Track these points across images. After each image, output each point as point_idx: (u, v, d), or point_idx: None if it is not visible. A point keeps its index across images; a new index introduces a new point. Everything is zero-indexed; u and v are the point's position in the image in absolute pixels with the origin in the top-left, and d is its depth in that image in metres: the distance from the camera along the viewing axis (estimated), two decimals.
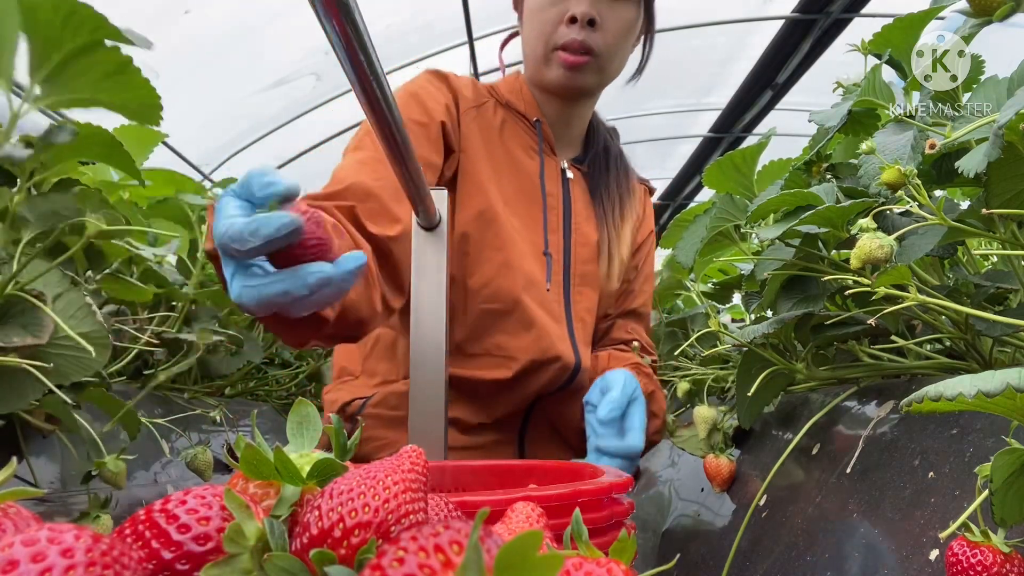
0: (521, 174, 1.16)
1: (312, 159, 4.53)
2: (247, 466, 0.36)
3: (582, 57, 1.09)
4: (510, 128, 1.18)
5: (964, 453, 0.60)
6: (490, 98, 1.19)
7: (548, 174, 1.18)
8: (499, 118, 1.18)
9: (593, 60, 1.10)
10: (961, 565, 0.44)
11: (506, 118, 1.18)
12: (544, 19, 1.09)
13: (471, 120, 1.15)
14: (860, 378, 0.88)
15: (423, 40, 3.98)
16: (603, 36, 1.09)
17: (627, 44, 1.15)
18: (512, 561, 0.23)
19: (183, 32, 3.16)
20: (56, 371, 0.69)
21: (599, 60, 1.10)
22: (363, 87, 0.61)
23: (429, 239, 0.98)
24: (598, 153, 1.26)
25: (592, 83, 1.14)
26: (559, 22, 1.08)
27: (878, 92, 0.82)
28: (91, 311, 0.71)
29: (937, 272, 0.85)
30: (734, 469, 1.05)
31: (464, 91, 1.17)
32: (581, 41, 1.07)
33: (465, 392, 1.13)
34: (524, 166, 1.17)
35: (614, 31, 1.10)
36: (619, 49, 1.13)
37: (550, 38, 1.10)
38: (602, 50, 1.09)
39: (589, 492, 0.55)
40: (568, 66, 1.09)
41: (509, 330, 1.10)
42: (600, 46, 1.09)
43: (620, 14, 1.10)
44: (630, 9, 1.11)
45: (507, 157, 1.16)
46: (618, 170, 1.27)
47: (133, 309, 1.15)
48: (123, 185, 1.37)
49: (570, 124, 1.22)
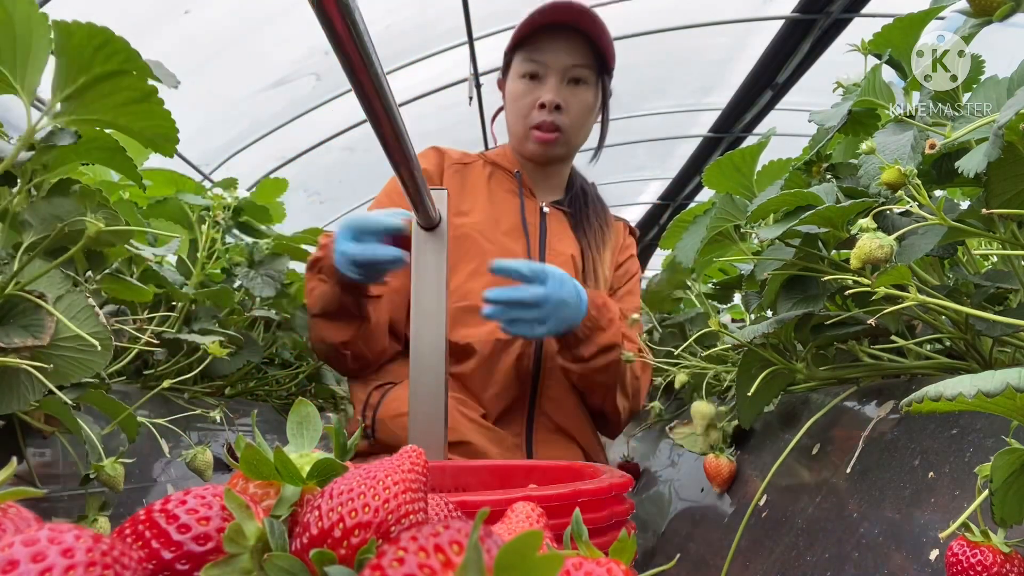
0: (503, 206, 1.40)
1: (312, 159, 4.53)
2: (247, 466, 0.36)
3: (552, 135, 1.36)
4: (496, 177, 1.44)
5: (964, 453, 0.60)
6: (478, 159, 1.45)
7: (528, 208, 1.42)
8: (487, 171, 1.44)
9: (561, 135, 1.37)
10: (961, 565, 0.44)
11: (493, 171, 1.44)
12: (521, 105, 1.38)
13: (454, 172, 1.41)
14: (860, 378, 0.88)
15: (423, 40, 3.98)
16: (568, 116, 1.37)
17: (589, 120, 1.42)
18: (512, 561, 0.23)
19: (183, 32, 3.16)
20: (56, 372, 0.69)
21: (566, 135, 1.38)
22: (363, 87, 0.61)
23: (429, 239, 0.98)
24: (576, 195, 1.49)
25: (561, 152, 1.41)
26: (532, 107, 1.36)
27: (878, 92, 0.82)
28: (93, 312, 0.71)
29: (937, 272, 0.85)
30: (734, 469, 1.05)
31: (452, 155, 1.44)
32: (551, 122, 1.36)
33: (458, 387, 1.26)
34: (506, 202, 1.41)
35: (576, 112, 1.37)
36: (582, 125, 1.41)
37: (526, 120, 1.38)
38: (567, 127, 1.37)
39: (589, 492, 0.55)
40: (541, 142, 1.37)
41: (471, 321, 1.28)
42: (565, 124, 1.37)
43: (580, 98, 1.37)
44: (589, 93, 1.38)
45: (490, 195, 1.40)
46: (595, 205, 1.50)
47: (133, 309, 1.15)
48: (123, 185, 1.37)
49: (547, 178, 1.47)
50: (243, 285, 1.49)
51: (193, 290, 1.30)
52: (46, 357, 0.68)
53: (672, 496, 1.38)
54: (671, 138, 5.49)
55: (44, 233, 0.73)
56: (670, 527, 1.26)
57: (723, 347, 1.04)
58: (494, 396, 1.25)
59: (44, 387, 0.67)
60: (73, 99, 0.67)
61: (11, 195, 0.75)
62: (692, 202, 5.88)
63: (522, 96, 1.37)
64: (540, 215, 1.42)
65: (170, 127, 0.71)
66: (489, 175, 1.43)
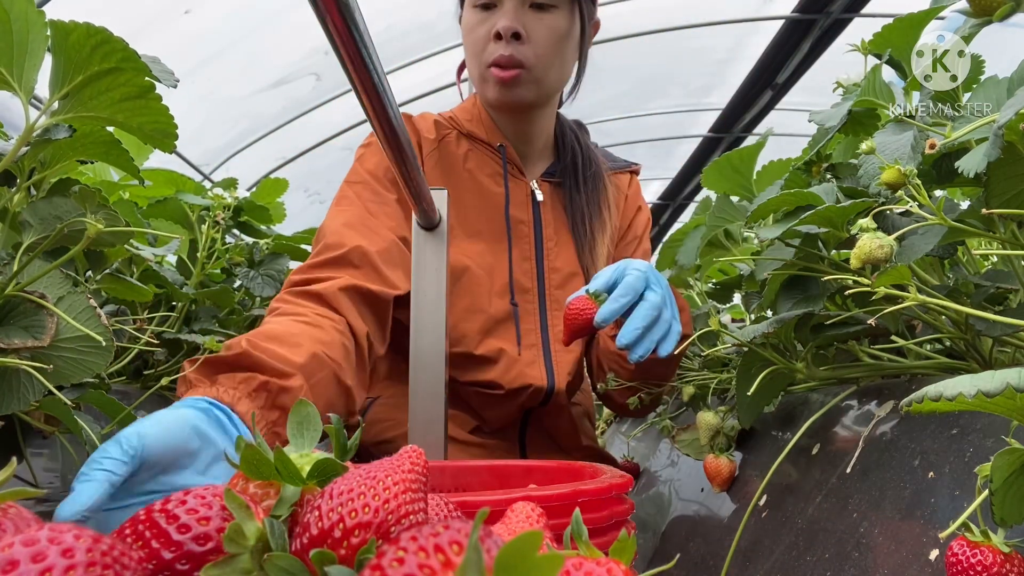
0: (489, 206, 1.19)
1: (312, 159, 4.53)
2: (247, 466, 0.36)
3: (512, 71, 1.09)
4: (475, 158, 1.20)
5: (964, 453, 0.60)
6: (452, 130, 1.21)
7: (516, 201, 1.20)
8: (463, 149, 1.19)
9: (526, 73, 1.10)
10: (961, 565, 0.44)
11: (470, 148, 1.20)
12: (474, 38, 1.11)
13: (434, 164, 1.17)
14: (860, 378, 0.88)
15: (423, 40, 3.97)
16: (532, 47, 1.09)
17: (562, 52, 1.13)
18: (512, 561, 0.23)
19: (183, 32, 3.16)
20: (57, 373, 0.69)
21: (532, 72, 1.10)
22: (363, 87, 0.61)
23: (429, 239, 0.98)
24: (567, 166, 1.26)
25: (530, 96, 1.13)
26: (487, 39, 1.09)
27: (878, 92, 0.82)
28: (95, 313, 0.71)
29: (937, 272, 0.85)
30: (734, 469, 1.05)
31: (426, 133, 1.19)
32: (509, 56, 1.08)
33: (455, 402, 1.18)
34: (491, 197, 1.19)
35: (543, 41, 1.09)
36: (553, 59, 1.11)
37: (481, 56, 1.11)
38: (532, 62, 1.09)
39: (589, 492, 0.55)
40: (500, 82, 1.10)
41: (479, 369, 1.15)
42: (530, 58, 1.09)
43: (548, 23, 1.09)
44: (560, 17, 1.10)
45: (474, 189, 1.18)
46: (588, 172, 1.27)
47: (133, 309, 1.15)
48: (123, 185, 1.37)
49: (531, 140, 1.22)
50: (243, 285, 1.49)
51: (193, 290, 1.30)
52: (46, 358, 0.68)
53: (672, 496, 1.38)
54: (671, 138, 5.49)
55: (44, 233, 0.73)
56: (670, 527, 1.26)
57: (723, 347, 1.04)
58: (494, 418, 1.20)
59: (44, 387, 0.67)
60: (71, 96, 0.67)
61: (10, 194, 0.75)
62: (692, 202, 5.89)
63: (475, 27, 1.11)
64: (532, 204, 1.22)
65: (169, 123, 0.71)
66: (465, 154, 1.20)
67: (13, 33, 0.63)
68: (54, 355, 0.68)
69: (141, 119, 0.70)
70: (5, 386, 0.67)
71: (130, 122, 0.70)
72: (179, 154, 3.72)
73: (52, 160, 0.77)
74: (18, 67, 0.65)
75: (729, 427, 1.09)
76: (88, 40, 0.63)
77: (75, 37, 0.63)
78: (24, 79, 0.66)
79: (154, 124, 0.71)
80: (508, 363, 1.15)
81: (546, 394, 1.17)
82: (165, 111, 0.70)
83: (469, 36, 1.13)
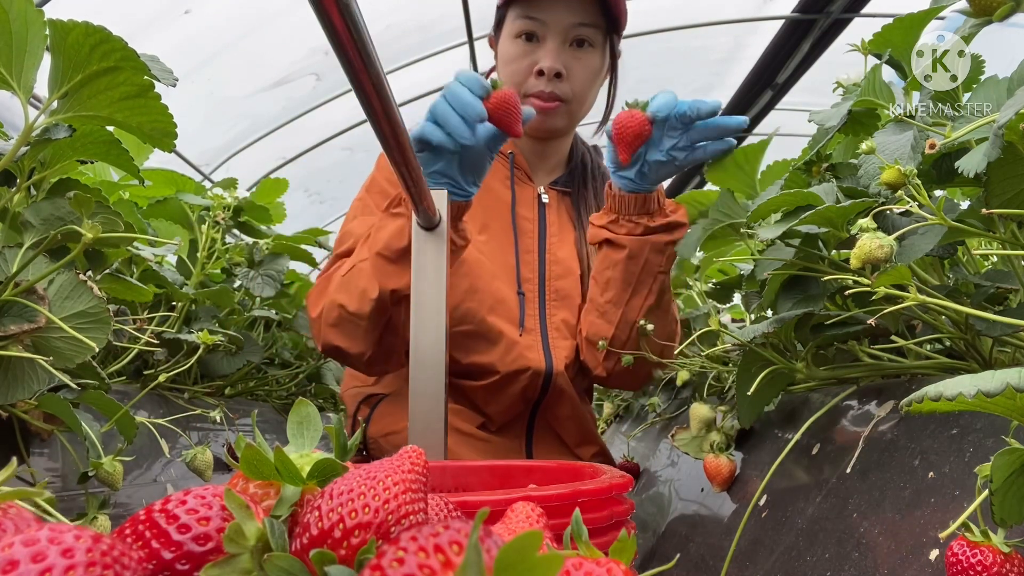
0: (496, 203, 1.25)
1: (312, 159, 4.53)
2: (247, 466, 0.36)
3: (552, 103, 1.18)
4: None
5: (964, 453, 0.60)
6: None
7: (522, 201, 1.27)
8: None
9: (563, 105, 1.19)
10: (961, 565, 0.44)
11: None
12: (515, 69, 1.18)
13: None
14: (860, 378, 0.88)
15: (423, 40, 3.98)
16: (571, 84, 1.18)
17: (595, 86, 1.24)
18: (512, 561, 0.23)
19: (183, 32, 3.16)
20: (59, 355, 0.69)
21: (569, 106, 1.20)
22: (363, 87, 0.61)
23: (429, 239, 0.98)
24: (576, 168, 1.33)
25: (562, 124, 1.23)
26: (529, 73, 1.17)
27: (878, 92, 0.82)
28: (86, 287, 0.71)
29: (937, 272, 0.85)
30: (734, 469, 1.04)
31: None
32: (550, 92, 1.17)
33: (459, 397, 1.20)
34: (499, 196, 1.26)
35: (581, 79, 1.19)
36: (587, 93, 1.22)
37: (521, 87, 1.18)
38: (570, 97, 1.19)
39: (589, 492, 0.55)
40: (539, 111, 1.16)
41: (480, 348, 1.18)
42: (568, 94, 1.19)
43: (585, 63, 1.18)
44: (595, 56, 1.19)
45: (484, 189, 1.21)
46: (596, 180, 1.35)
47: (133, 309, 1.15)
48: (123, 185, 1.37)
49: (545, 157, 1.30)
50: (243, 285, 1.49)
51: (193, 290, 1.30)
52: (46, 343, 0.68)
53: (672, 496, 1.38)
54: None
55: (45, 233, 0.73)
56: (670, 527, 1.26)
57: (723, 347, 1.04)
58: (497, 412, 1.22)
59: (48, 374, 0.67)
60: (70, 96, 0.67)
61: (10, 194, 0.75)
62: None
63: (516, 59, 1.17)
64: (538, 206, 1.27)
65: (168, 122, 0.71)
66: None
67: (12, 32, 0.63)
68: (54, 337, 0.68)
69: (140, 118, 0.70)
70: (11, 376, 0.67)
71: (129, 121, 0.70)
72: (179, 154, 3.72)
73: (52, 160, 0.77)
74: (17, 66, 0.65)
75: (729, 427, 1.09)
76: (87, 39, 0.63)
77: (74, 36, 0.63)
78: (23, 78, 0.66)
79: (153, 123, 0.71)
80: (508, 345, 1.18)
81: (545, 378, 1.19)
82: (164, 110, 0.70)
83: (509, 66, 1.19)
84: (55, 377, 0.67)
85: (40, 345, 0.68)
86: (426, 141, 0.96)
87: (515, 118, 0.96)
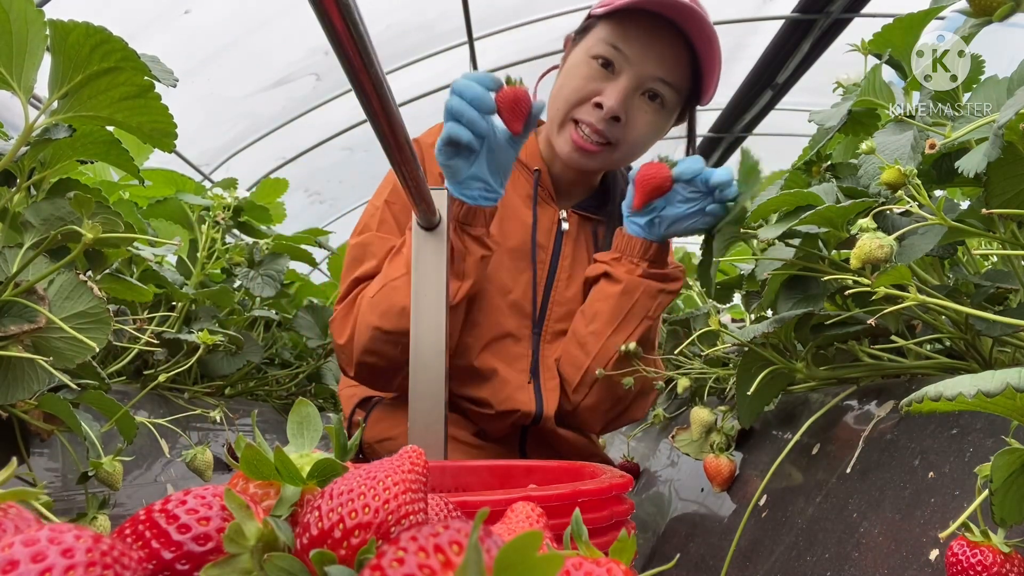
0: (517, 226, 1.18)
1: (312, 159, 4.53)
2: (247, 466, 0.36)
3: (594, 146, 1.09)
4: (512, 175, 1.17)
5: (964, 453, 0.60)
6: None
7: (542, 228, 1.20)
8: None
9: (608, 149, 1.10)
10: (961, 565, 0.44)
11: None
12: (575, 88, 1.09)
13: None
14: (860, 378, 0.88)
15: (423, 40, 3.97)
16: (624, 131, 1.09)
17: (648, 144, 1.15)
18: (512, 561, 0.23)
19: (183, 32, 3.16)
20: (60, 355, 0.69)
21: (615, 151, 1.11)
22: (363, 87, 0.61)
23: (429, 239, 0.98)
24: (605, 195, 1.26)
25: (596, 166, 1.15)
26: (587, 100, 1.08)
27: (878, 92, 0.82)
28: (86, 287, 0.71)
29: (937, 272, 0.85)
30: (734, 469, 1.04)
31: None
32: (600, 130, 1.08)
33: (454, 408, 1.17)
34: (519, 216, 1.19)
35: (637, 131, 1.10)
36: (638, 147, 1.14)
37: (573, 108, 1.10)
38: (619, 142, 1.10)
39: (589, 492, 0.55)
40: (577, 147, 1.10)
41: (474, 383, 1.15)
42: (619, 139, 1.10)
43: (649, 118, 1.10)
44: (662, 116, 1.12)
45: (506, 203, 1.15)
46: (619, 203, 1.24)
47: (133, 309, 1.15)
48: (123, 185, 1.37)
49: (576, 182, 1.23)
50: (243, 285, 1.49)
51: (193, 290, 1.30)
52: (46, 343, 0.68)
53: (672, 496, 1.38)
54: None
55: (45, 233, 0.73)
56: (670, 527, 1.26)
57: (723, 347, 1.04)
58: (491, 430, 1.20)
59: (48, 374, 0.67)
60: (70, 96, 0.67)
61: (10, 194, 0.75)
62: None
63: (581, 80, 1.08)
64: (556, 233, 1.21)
65: (168, 122, 0.71)
66: None
67: (12, 33, 0.64)
68: (54, 337, 0.68)
69: (140, 118, 0.70)
70: (11, 376, 0.67)
71: (129, 121, 0.70)
72: (179, 154, 3.72)
73: (52, 160, 0.77)
74: (17, 66, 0.65)
75: (729, 427, 1.09)
76: (87, 40, 0.63)
77: (74, 37, 0.63)
78: (23, 78, 0.66)
79: (153, 123, 0.71)
80: (500, 384, 1.16)
81: (535, 418, 1.18)
82: (164, 110, 0.70)
83: (571, 81, 1.10)
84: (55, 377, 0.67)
85: (40, 345, 0.68)
86: (455, 141, 0.95)
87: (516, 114, 0.95)
